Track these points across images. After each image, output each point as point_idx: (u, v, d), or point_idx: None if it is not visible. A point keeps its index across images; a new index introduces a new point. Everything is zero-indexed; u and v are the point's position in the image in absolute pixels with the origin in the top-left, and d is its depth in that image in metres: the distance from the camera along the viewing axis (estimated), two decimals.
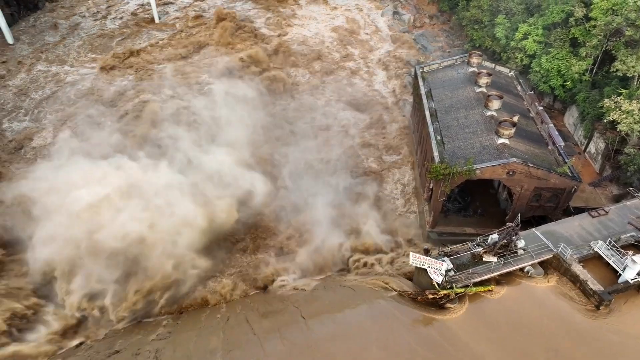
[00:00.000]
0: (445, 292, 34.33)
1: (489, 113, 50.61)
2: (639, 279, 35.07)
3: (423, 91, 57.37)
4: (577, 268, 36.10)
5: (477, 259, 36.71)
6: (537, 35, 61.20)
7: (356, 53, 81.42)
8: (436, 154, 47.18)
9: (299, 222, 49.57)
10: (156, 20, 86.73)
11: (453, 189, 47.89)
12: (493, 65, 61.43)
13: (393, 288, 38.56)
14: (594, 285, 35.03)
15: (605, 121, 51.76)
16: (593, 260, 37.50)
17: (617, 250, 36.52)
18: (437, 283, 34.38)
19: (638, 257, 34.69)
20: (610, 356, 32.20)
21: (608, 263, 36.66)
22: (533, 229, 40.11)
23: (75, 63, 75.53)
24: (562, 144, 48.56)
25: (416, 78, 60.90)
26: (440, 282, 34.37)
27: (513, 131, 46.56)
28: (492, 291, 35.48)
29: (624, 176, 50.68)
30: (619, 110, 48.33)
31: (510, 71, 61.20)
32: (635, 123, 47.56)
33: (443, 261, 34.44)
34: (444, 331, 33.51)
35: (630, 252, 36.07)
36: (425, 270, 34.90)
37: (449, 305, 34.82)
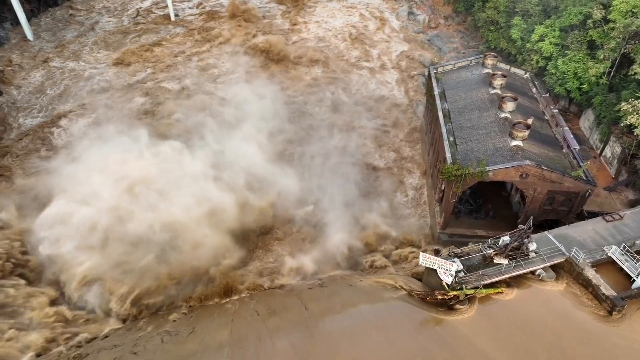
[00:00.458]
0: (454, 293, 34.18)
1: (503, 115, 50.20)
2: None
3: (436, 92, 57.12)
4: (590, 272, 35.65)
5: (488, 261, 36.47)
6: (554, 37, 60.50)
7: (369, 53, 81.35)
8: (448, 155, 46.95)
9: (310, 217, 49.98)
10: (172, 17, 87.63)
11: (465, 191, 47.61)
12: (508, 67, 60.91)
13: (402, 287, 38.48)
14: (607, 290, 34.56)
15: (622, 125, 50.99)
16: (606, 265, 36.98)
17: (632, 255, 35.96)
18: (447, 284, 34.25)
19: None
20: None
21: (622, 268, 36.11)
22: (545, 232, 39.73)
23: (90, 58, 76.69)
24: (577, 148, 47.96)
25: (430, 79, 60.65)
26: (449, 283, 34.23)
27: (527, 133, 46.13)
28: (502, 293, 35.23)
29: None
30: (637, 114, 47.57)
31: (525, 73, 60.62)
32: None
33: (453, 262, 34.28)
34: (453, 332, 33.37)
35: None
36: (435, 270, 34.78)
37: (458, 306, 34.64)
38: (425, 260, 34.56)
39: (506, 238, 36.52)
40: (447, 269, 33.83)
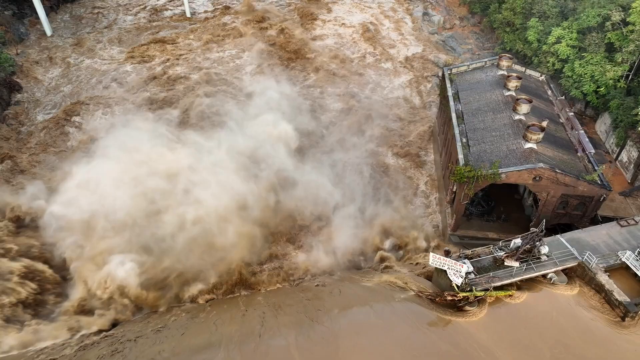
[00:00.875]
0: (464, 295, 34.01)
1: (517, 117, 49.76)
2: None
3: (450, 93, 56.81)
4: (603, 277, 35.19)
5: (499, 263, 36.19)
6: (571, 39, 59.80)
7: (382, 53, 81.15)
8: (461, 157, 46.69)
9: (321, 213, 50.31)
10: (188, 14, 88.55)
11: (477, 193, 47.33)
12: (523, 69, 60.31)
13: (411, 288, 38.40)
14: (620, 295, 34.08)
15: (639, 129, 50.19)
16: (620, 270, 36.44)
17: None
18: (457, 285, 34.09)
19: None
20: None
21: (636, 274, 35.56)
22: (558, 236, 39.25)
23: (107, 54, 77.84)
24: (593, 152, 47.30)
25: (443, 80, 60.34)
26: (459, 285, 34.07)
27: (541, 136, 45.67)
28: (513, 296, 34.95)
29: None
30: None
31: (541, 75, 59.98)
32: None
33: (463, 263, 34.07)
34: (462, 333, 33.19)
35: None
36: (444, 271, 34.65)
37: (468, 308, 34.44)
38: (435, 260, 34.44)
39: (518, 240, 36.22)
40: (457, 270, 33.66)
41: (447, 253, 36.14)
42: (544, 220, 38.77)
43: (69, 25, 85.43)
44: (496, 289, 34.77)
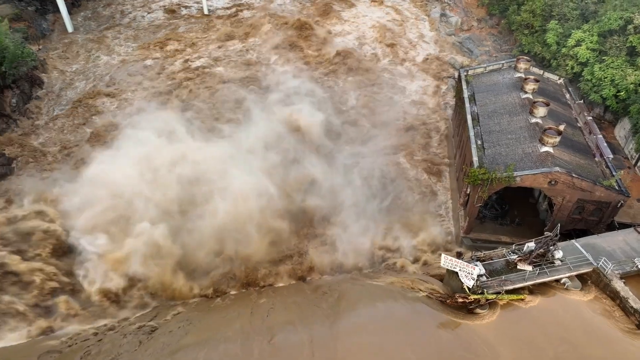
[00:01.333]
0: (475, 297, 33.79)
1: (534, 120, 49.21)
2: None
3: (466, 94, 56.44)
4: (618, 284, 34.64)
5: (511, 267, 35.90)
6: (592, 42, 58.86)
7: (398, 54, 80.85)
8: (475, 159, 46.35)
9: (336, 209, 50.43)
10: (205, 11, 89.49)
11: (491, 196, 46.88)
12: (541, 71, 59.57)
13: (421, 290, 38.29)
14: (635, 303, 33.50)
15: None
16: (636, 277, 35.86)
17: None
18: (468, 287, 33.89)
19: None
20: None
21: None
22: (572, 241, 38.79)
23: (126, 50, 78.98)
24: (611, 157, 46.56)
25: (459, 81, 59.95)
26: (470, 287, 33.86)
27: (558, 140, 45.09)
28: (525, 300, 34.59)
29: None
30: None
31: (559, 78, 59.18)
32: None
33: (475, 265, 33.89)
34: (472, 336, 32.99)
35: None
36: (456, 273, 34.49)
37: (479, 310, 34.23)
38: (446, 262, 34.31)
39: (531, 244, 35.88)
40: (469, 272, 33.49)
41: (459, 255, 35.98)
42: (559, 224, 38.27)
43: (90, 21, 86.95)
44: (508, 293, 34.49)
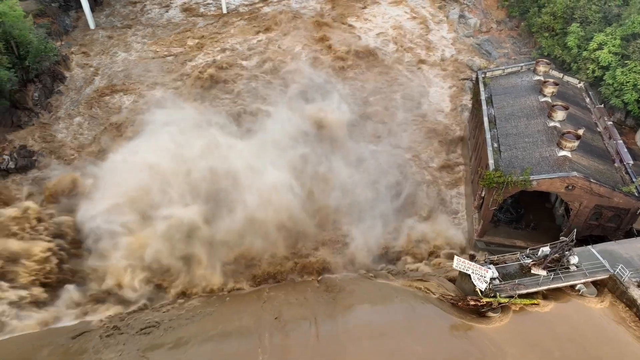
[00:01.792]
0: (487, 300, 33.49)
1: (552, 124, 48.55)
2: None
3: (483, 97, 55.93)
4: (635, 292, 33.96)
5: (525, 271, 35.48)
6: (614, 45, 57.81)
7: (415, 55, 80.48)
8: (491, 162, 45.94)
9: (352, 208, 50.69)
10: (224, 10, 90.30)
11: (506, 199, 46.48)
12: (561, 75, 58.70)
13: (432, 291, 38.08)
14: None
15: None
16: None
17: None
18: (480, 290, 33.61)
19: None
20: None
21: None
22: (589, 247, 38.15)
23: (145, 47, 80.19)
24: (631, 162, 45.71)
25: (477, 83, 59.42)
26: (483, 290, 33.58)
27: (576, 144, 44.42)
28: (538, 305, 34.16)
29: None
30: None
31: (579, 82, 58.23)
32: None
33: (488, 268, 33.58)
34: (484, 339, 32.71)
35: None
36: (468, 276, 34.24)
37: (491, 314, 33.92)
38: (459, 264, 34.09)
39: (546, 249, 35.41)
40: (482, 275, 33.21)
41: (472, 257, 35.72)
42: (575, 230, 37.72)
43: (111, 18, 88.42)
44: (521, 297, 34.10)
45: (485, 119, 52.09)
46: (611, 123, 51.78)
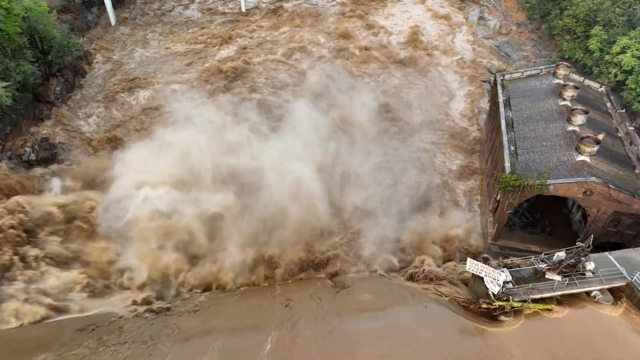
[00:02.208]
0: (500, 304, 33.15)
1: (571, 128, 47.82)
2: None
3: (501, 99, 55.34)
4: None
5: (539, 276, 34.99)
6: (638, 49, 56.53)
7: (435, 55, 79.93)
8: (507, 164, 45.45)
9: (366, 206, 50.63)
10: (243, 9, 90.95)
11: (522, 203, 45.92)
12: (582, 78, 57.75)
13: (443, 294, 37.86)
14: None
15: None
16: None
17: None
18: (493, 293, 33.28)
19: None
20: None
21: None
22: (606, 253, 37.46)
23: (166, 44, 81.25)
24: None
25: (495, 85, 58.78)
26: (496, 293, 33.25)
27: (596, 149, 43.68)
28: (552, 311, 33.67)
29: None
30: None
31: (600, 86, 57.20)
32: None
33: (502, 272, 33.23)
34: (495, 343, 32.38)
35: None
36: (481, 278, 33.93)
37: (503, 318, 33.57)
38: (472, 266, 33.80)
39: (562, 254, 34.88)
40: (495, 278, 32.88)
41: (486, 260, 35.37)
42: (592, 236, 37.07)
43: (133, 15, 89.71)
44: (535, 302, 33.66)
45: (502, 122, 51.54)
46: (633, 129, 50.66)
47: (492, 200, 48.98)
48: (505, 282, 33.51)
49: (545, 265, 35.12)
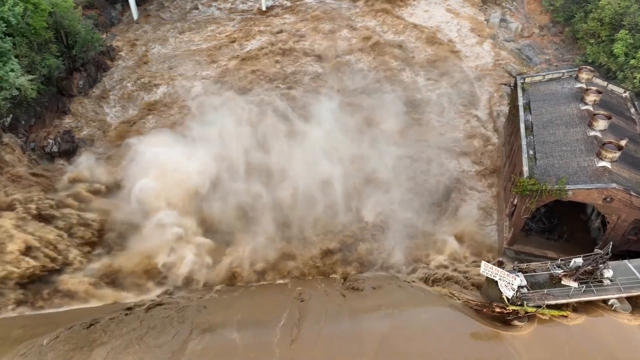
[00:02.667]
0: (514, 308, 32.74)
1: (593, 133, 46.88)
2: None
3: (521, 102, 54.56)
4: None
5: (555, 281, 34.45)
6: None
7: (453, 57, 79.26)
8: (525, 169, 44.83)
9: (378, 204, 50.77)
10: (263, 7, 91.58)
11: (539, 208, 45.21)
12: (605, 83, 56.47)
13: (456, 296, 37.54)
14: None
15: None
16: None
17: None
18: (507, 297, 32.89)
19: None
20: None
21: None
22: (625, 261, 36.69)
23: (182, 40, 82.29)
24: None
25: (515, 88, 58.01)
26: (510, 297, 32.84)
27: (618, 155, 42.73)
28: (567, 317, 33.11)
29: None
30: None
31: (624, 91, 55.89)
32: None
33: (516, 276, 32.81)
34: (507, 347, 31.99)
35: None
36: (495, 282, 33.57)
37: (517, 322, 33.15)
38: (486, 269, 33.46)
39: (579, 260, 34.28)
40: (509, 282, 32.48)
41: (500, 264, 34.97)
42: (611, 243, 36.31)
43: (156, 12, 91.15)
44: (549, 308, 33.14)
45: (521, 125, 50.84)
46: None
47: (509, 204, 48.34)
48: (519, 287, 33.10)
49: (561, 271, 34.58)
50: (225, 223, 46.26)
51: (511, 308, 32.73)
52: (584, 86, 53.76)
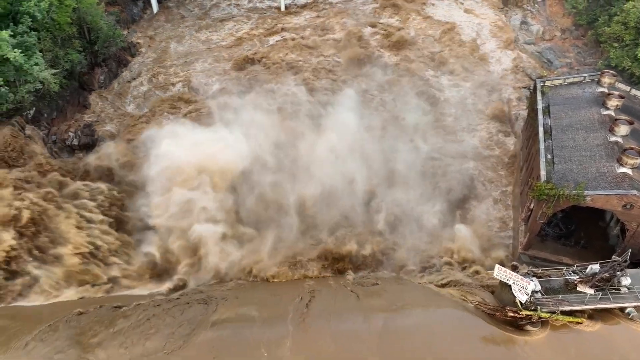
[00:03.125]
0: (527, 313, 32.33)
1: (614, 138, 46.01)
2: None
3: (540, 106, 53.82)
4: None
5: (570, 287, 33.91)
6: None
7: (473, 59, 78.51)
8: (543, 173, 44.24)
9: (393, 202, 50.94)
10: (282, 8, 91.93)
11: (556, 213, 44.59)
12: (628, 88, 55.31)
13: (469, 299, 37.21)
14: None
15: None
16: None
17: None
18: (520, 302, 32.49)
19: None
20: None
21: None
22: None
23: (202, 37, 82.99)
24: None
25: (535, 92, 57.21)
26: (523, 302, 32.45)
27: (639, 162, 41.90)
28: (582, 324, 32.57)
29: None
30: None
31: None
32: None
33: (531, 280, 32.38)
34: (519, 353, 31.61)
35: None
36: (509, 286, 33.19)
37: (530, 327, 32.74)
38: (500, 273, 33.12)
39: (595, 266, 33.69)
40: (523, 287, 32.07)
41: (515, 268, 34.60)
42: (629, 251, 35.60)
43: (177, 10, 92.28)
44: (564, 314, 32.64)
45: (540, 129, 50.17)
46: None
47: (525, 208, 47.74)
48: (533, 292, 32.67)
49: (577, 277, 34.04)
50: (253, 215, 46.97)
51: (524, 313, 32.34)
52: (606, 90, 52.78)
